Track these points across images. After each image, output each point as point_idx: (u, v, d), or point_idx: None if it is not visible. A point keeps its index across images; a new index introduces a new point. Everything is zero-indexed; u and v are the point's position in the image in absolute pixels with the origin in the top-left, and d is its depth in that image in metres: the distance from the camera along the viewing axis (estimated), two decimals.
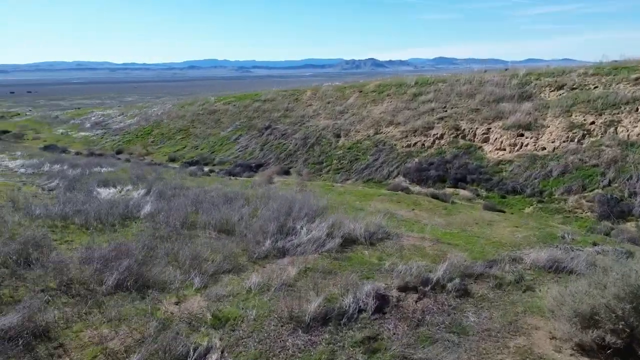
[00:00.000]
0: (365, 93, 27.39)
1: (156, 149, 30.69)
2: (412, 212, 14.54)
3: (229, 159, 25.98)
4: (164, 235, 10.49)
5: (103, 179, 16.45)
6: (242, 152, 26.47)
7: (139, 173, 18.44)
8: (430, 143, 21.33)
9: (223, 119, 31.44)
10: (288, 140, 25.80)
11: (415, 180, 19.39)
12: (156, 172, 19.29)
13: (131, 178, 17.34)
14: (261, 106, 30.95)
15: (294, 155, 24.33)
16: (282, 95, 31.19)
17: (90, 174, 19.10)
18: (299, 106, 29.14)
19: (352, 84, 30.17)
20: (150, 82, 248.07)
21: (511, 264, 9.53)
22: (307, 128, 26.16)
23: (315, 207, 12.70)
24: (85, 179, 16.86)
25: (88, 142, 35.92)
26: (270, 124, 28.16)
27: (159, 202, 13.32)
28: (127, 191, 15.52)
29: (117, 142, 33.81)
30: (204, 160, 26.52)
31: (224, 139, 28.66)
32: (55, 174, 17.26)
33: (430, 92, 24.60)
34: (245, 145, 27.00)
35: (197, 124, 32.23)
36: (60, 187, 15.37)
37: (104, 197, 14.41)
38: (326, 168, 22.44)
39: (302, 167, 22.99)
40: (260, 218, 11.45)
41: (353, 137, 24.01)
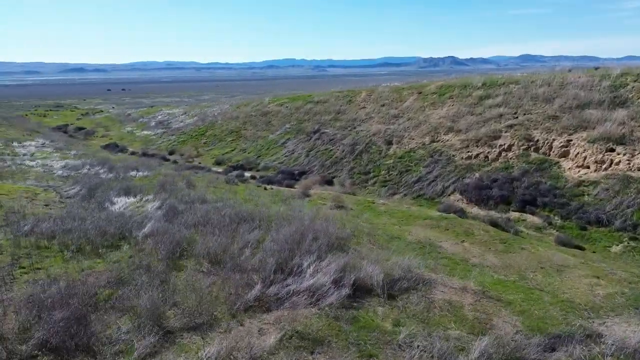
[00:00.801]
0: (425, 95, 24.56)
1: (206, 150, 30.09)
2: (461, 244, 11.87)
3: (273, 164, 24.50)
4: (147, 264, 8.96)
5: (126, 186, 15.52)
6: (288, 157, 24.86)
7: (167, 180, 17.40)
8: (495, 155, 18.19)
9: (274, 121, 30.11)
10: (335, 146, 23.74)
11: (473, 199, 16.47)
12: (187, 179, 18.18)
13: (156, 187, 16.31)
14: (313, 108, 29.18)
15: (339, 163, 22.23)
16: (336, 97, 29.19)
17: (122, 178, 18.44)
18: (352, 109, 26.96)
19: (411, 84, 27.42)
20: (231, 81, 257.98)
21: (584, 345, 6.79)
22: (357, 133, 23.92)
23: (334, 237, 10.58)
24: (110, 185, 16.08)
25: (146, 141, 36.44)
26: (319, 128, 26.29)
27: (164, 219, 11.93)
28: (145, 202, 14.42)
29: (172, 142, 33.84)
30: (249, 164, 25.29)
31: (272, 142, 27.27)
32: (82, 179, 16.70)
33: (499, 94, 21.27)
34: (292, 150, 25.37)
35: (248, 126, 31.23)
36: (78, 195, 14.64)
37: (116, 209, 13.36)
38: (372, 179, 20.09)
39: (347, 177, 20.83)
40: (264, 249, 9.57)
41: (406, 144, 21.39)
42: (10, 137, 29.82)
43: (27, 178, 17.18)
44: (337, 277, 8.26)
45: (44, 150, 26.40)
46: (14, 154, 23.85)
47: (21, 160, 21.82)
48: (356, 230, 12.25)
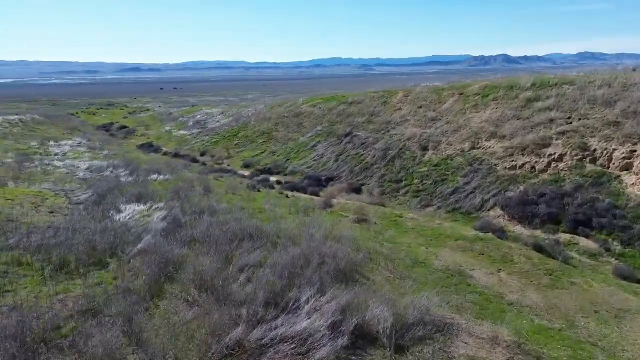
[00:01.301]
0: (467, 96, 22.53)
1: (237, 152, 29.40)
2: (497, 275, 10.14)
3: (301, 169, 23.32)
4: (127, 289, 7.98)
5: (139, 193, 14.81)
6: (316, 161, 23.60)
7: (184, 187, 16.60)
8: (543, 166, 16.07)
9: (305, 123, 28.96)
10: (367, 150, 22.23)
11: (516, 216, 14.52)
12: (206, 185, 17.32)
13: (170, 193, 15.53)
14: (346, 109, 27.76)
15: (369, 169, 20.72)
16: (371, 98, 27.62)
17: (141, 182, 17.87)
18: (387, 110, 25.31)
19: (452, 84, 25.39)
20: (278, 80, 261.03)
21: None
22: (391, 137, 22.28)
23: (344, 262, 9.19)
24: (123, 190, 15.45)
25: (181, 142, 36.35)
26: (351, 131, 24.85)
27: (163, 233, 10.99)
28: (154, 210, 13.62)
29: (205, 143, 33.48)
30: (277, 168, 24.27)
31: (302, 145, 26.11)
32: (97, 183, 16.19)
33: (550, 97, 18.96)
34: (321, 154, 24.09)
35: (280, 128, 30.26)
36: (88, 202, 14.05)
37: (121, 218, 12.61)
38: (404, 189, 18.44)
39: (376, 186, 19.30)
40: (258, 277, 8.34)
41: (443, 151, 19.55)
42: (49, 136, 30.43)
43: (46, 180, 16.91)
44: (336, 320, 6.90)
45: (77, 150, 26.60)
46: (46, 154, 24.07)
47: (50, 160, 21.87)
48: (374, 252, 10.79)
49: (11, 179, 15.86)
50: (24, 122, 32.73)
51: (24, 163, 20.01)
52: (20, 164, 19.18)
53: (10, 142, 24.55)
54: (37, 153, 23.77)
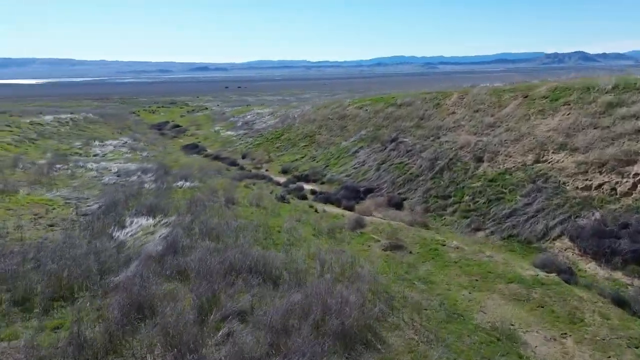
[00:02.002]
0: (532, 100, 19.43)
1: (278, 156, 28.00)
2: (560, 342, 7.67)
3: (339, 177, 21.38)
4: (84, 340, 6.58)
5: (150, 204, 13.64)
6: (356, 169, 21.54)
7: (203, 197, 15.28)
8: (627, 188, 12.99)
9: (350, 126, 26.93)
10: (412, 159, 19.85)
11: (589, 251, 11.69)
12: (228, 196, 15.90)
13: (186, 205, 14.25)
14: (394, 112, 25.39)
15: (414, 181, 18.37)
16: (422, 99, 25.05)
17: (164, 189, 16.83)
18: (438, 114, 22.68)
19: (515, 85, 22.23)
20: (338, 79, 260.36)
21: None
22: (440, 144, 19.73)
23: (354, 317, 7.19)
24: (135, 202, 14.37)
25: (226, 142, 35.65)
26: (397, 136, 22.51)
27: (155, 258, 9.58)
28: (162, 225, 12.34)
29: (248, 145, 32.46)
30: (314, 175, 22.49)
31: (343, 150, 24.14)
32: (111, 191, 15.26)
33: (636, 101, 15.58)
34: (362, 162, 21.99)
35: (323, 131, 28.46)
36: (96, 213, 13.04)
37: (121, 235, 11.44)
38: (452, 206, 15.97)
39: (419, 201, 16.95)
40: (234, 341, 6.57)
41: (500, 163, 16.80)
42: (97, 136, 30.74)
43: (68, 186, 16.30)
44: None
45: (118, 151, 26.44)
46: (85, 154, 23.96)
47: (85, 162, 21.57)
48: (400, 297, 8.67)
49: (29, 183, 15.32)
50: (75, 121, 33.46)
51: (56, 165, 19.75)
52: (51, 167, 18.87)
53: (53, 142, 24.73)
54: (76, 153, 23.72)
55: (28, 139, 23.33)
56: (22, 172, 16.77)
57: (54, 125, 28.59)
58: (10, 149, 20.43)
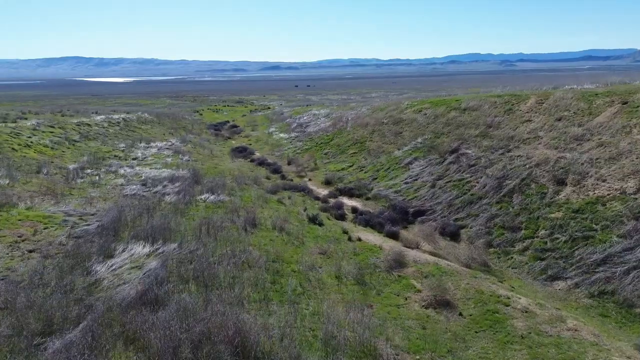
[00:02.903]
0: (634, 107, 15.27)
1: (324, 163, 25.59)
2: None
3: (386, 193, 18.50)
4: None
5: (152, 227, 11.79)
6: (408, 184, 18.52)
7: (219, 219, 13.23)
8: None
9: (405, 132, 23.82)
10: (475, 176, 16.50)
11: None
12: (249, 217, 13.73)
13: (195, 227, 12.28)
14: (457, 117, 21.92)
15: (475, 204, 15.08)
16: (491, 103, 21.35)
17: (185, 204, 15.06)
18: (510, 121, 18.98)
19: (609, 89, 17.94)
20: (408, 77, 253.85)
21: None
22: (511, 160, 16.20)
23: None
24: (145, 219, 12.63)
25: (276, 146, 33.88)
26: (458, 146, 19.15)
27: (106, 317, 7.56)
28: (156, 256, 10.43)
29: (296, 150, 30.39)
30: (359, 189, 19.78)
31: (395, 161, 21.16)
32: (127, 204, 13.64)
33: None
34: (416, 175, 18.92)
35: (375, 136, 25.59)
36: (89, 234, 11.41)
37: (106, 268, 9.63)
38: (522, 242, 12.60)
39: (481, 231, 13.70)
40: None
41: (590, 189, 13.08)
42: (145, 137, 30.23)
43: (83, 196, 15.02)
44: None
45: (160, 154, 25.46)
46: (124, 157, 23.10)
47: (120, 166, 20.56)
48: None
49: (40, 194, 14.16)
50: (127, 121, 33.35)
51: (86, 170, 18.81)
52: (78, 172, 17.90)
53: (95, 144, 24.20)
54: (115, 157, 22.92)
55: (69, 140, 22.89)
56: (42, 179, 15.82)
57: (103, 126, 28.37)
58: (45, 152, 19.90)
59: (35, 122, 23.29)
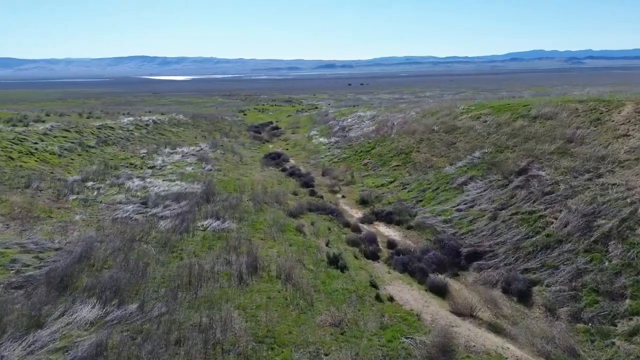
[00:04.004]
0: None
1: (362, 176, 22.18)
2: None
3: (433, 222, 14.83)
4: None
5: (118, 279, 9.04)
6: (462, 213, 14.74)
7: (208, 262, 10.31)
8: None
9: (459, 143, 19.86)
10: (552, 208, 12.50)
11: None
12: (249, 258, 10.72)
13: (172, 279, 9.44)
14: (526, 127, 17.74)
15: (554, 250, 11.15)
16: (571, 111, 16.99)
17: (180, 232, 12.34)
18: (599, 135, 14.68)
19: None
20: (466, 76, 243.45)
21: None
22: (604, 189, 12.07)
23: None
24: (116, 259, 9.96)
25: (312, 153, 30.84)
26: (528, 165, 15.10)
27: None
28: (102, 325, 7.64)
29: (333, 159, 27.16)
30: (400, 214, 16.23)
31: (445, 179, 17.38)
32: (98, 238, 11.04)
33: None
34: (472, 201, 15.09)
35: (423, 147, 21.79)
36: (35, 283, 8.84)
37: (28, 345, 6.97)
38: (628, 319, 8.66)
39: (563, 294, 9.83)
40: None
41: None
42: (173, 141, 28.19)
43: (64, 221, 12.67)
44: None
45: (182, 162, 23.16)
46: (141, 166, 20.93)
47: (129, 177, 18.31)
48: None
49: (8, 219, 11.91)
50: (157, 123, 31.56)
51: (87, 183, 16.66)
52: (76, 186, 15.71)
53: (114, 150, 22.26)
54: (130, 165, 20.81)
55: (83, 146, 21.02)
56: (24, 196, 13.67)
57: (128, 129, 26.58)
58: (49, 161, 18.00)
59: (49, 126, 21.68)
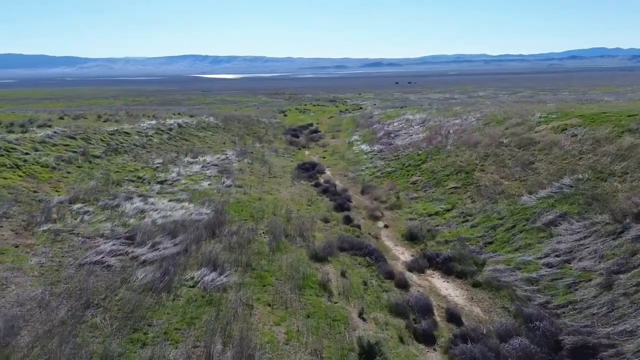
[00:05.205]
0: None
1: (410, 199, 18.10)
2: None
3: (513, 280, 10.61)
4: None
5: None
6: (554, 270, 10.42)
7: None
8: None
9: (539, 164, 15.35)
10: None
11: None
12: (245, 340, 7.11)
13: None
14: (637, 145, 13.11)
15: None
16: None
17: (160, 289, 9.00)
18: None
19: None
20: (521, 74, 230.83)
21: None
22: None
23: None
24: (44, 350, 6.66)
25: (351, 163, 26.98)
26: None
27: None
28: None
29: (375, 172, 23.19)
30: (462, 261, 12.10)
31: (524, 213, 13.02)
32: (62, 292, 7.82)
33: None
34: (568, 252, 10.72)
35: (489, 164, 17.40)
36: None
37: None
38: None
39: None
40: None
41: None
42: (197, 148, 25.24)
43: (13, 267, 9.62)
44: None
45: (199, 175, 20.04)
46: (149, 180, 17.94)
47: (128, 197, 15.31)
48: None
49: None
50: (182, 127, 28.77)
51: (74, 205, 13.76)
52: (48, 212, 12.77)
53: (122, 160, 19.45)
54: (137, 179, 17.87)
55: (86, 155, 18.31)
56: None
57: (147, 135, 23.87)
58: (38, 175, 15.30)
59: (50, 132, 19.15)
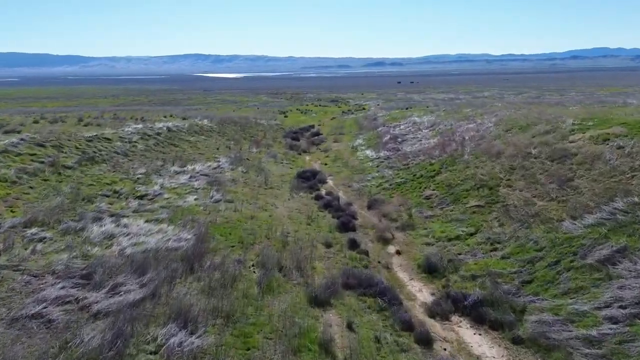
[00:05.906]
0: None
1: (423, 217, 15.78)
2: None
3: (566, 338, 8.29)
4: None
5: None
6: (619, 327, 8.12)
7: None
8: None
9: (580, 181, 13.03)
10: None
11: None
12: None
13: None
14: None
15: None
16: None
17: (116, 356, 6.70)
18: None
19: None
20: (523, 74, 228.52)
21: None
22: None
23: None
24: None
25: (356, 171, 24.66)
26: None
27: None
28: None
29: (382, 183, 20.86)
30: (495, 306, 9.77)
31: (569, 244, 10.70)
32: None
33: None
34: (637, 305, 8.42)
35: (516, 178, 15.07)
36: None
37: None
38: None
39: None
40: None
41: None
42: (184, 155, 22.97)
43: None
44: None
45: (185, 187, 17.77)
46: (126, 195, 15.68)
47: (97, 218, 13.06)
48: None
49: None
50: (172, 131, 26.51)
51: (28, 230, 11.52)
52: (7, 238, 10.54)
53: (98, 171, 17.20)
54: (113, 193, 15.62)
55: (56, 166, 16.08)
56: None
57: (130, 140, 21.62)
58: None
59: (15, 140, 16.92)
